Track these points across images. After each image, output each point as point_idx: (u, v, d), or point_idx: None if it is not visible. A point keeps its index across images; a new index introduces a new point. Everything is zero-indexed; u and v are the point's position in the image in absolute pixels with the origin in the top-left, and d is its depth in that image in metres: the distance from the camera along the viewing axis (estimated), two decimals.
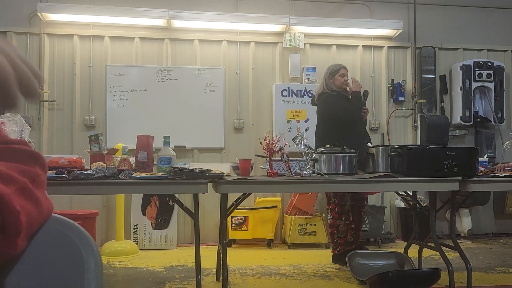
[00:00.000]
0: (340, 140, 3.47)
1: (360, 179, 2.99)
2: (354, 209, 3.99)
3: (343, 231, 3.87)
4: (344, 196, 3.85)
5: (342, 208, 3.86)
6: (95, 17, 4.97)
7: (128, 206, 4.85)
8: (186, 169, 2.89)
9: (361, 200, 4.03)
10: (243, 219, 4.84)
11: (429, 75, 5.61)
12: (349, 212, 3.90)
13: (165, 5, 5.12)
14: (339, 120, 3.86)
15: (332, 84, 3.97)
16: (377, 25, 5.40)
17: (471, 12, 5.81)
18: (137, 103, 5.07)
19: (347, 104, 3.93)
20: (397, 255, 3.58)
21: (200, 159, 5.11)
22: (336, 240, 3.92)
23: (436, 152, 3.07)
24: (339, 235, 3.88)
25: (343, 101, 3.94)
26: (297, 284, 3.41)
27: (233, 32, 5.31)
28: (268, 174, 3.18)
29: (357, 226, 4.01)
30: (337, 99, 3.93)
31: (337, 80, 3.97)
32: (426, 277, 3.07)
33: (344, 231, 3.87)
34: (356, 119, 3.93)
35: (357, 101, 3.95)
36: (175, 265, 4.01)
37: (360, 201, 4.02)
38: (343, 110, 3.87)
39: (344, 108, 3.89)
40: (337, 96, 3.95)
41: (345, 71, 4.01)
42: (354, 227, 4.00)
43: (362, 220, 4.12)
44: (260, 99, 5.35)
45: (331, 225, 3.93)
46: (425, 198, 4.82)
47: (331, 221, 3.92)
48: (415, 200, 3.77)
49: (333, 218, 3.90)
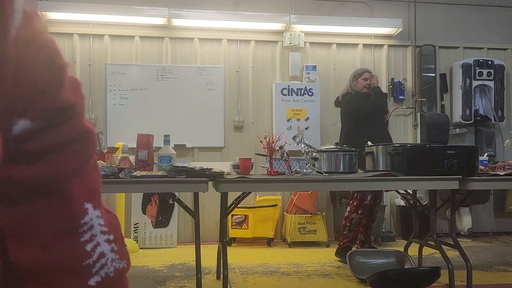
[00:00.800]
0: (360, 135, 3.70)
1: (360, 178, 3.00)
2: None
3: (355, 225, 3.99)
4: (366, 192, 3.96)
5: (362, 202, 3.97)
6: (95, 15, 4.96)
7: (129, 205, 4.86)
8: (186, 168, 2.89)
9: (374, 197, 4.06)
10: (243, 217, 4.84)
11: (429, 74, 5.60)
12: (367, 207, 4.00)
13: (165, 3, 5.11)
14: (360, 117, 4.12)
15: (355, 86, 4.25)
16: (377, 24, 5.40)
17: (471, 11, 5.81)
18: (137, 102, 5.07)
19: (368, 103, 4.19)
20: (397, 254, 3.58)
21: (200, 158, 5.11)
22: (345, 233, 4.02)
23: (436, 151, 3.08)
24: (351, 228, 3.99)
25: (363, 100, 4.20)
26: (297, 282, 3.41)
27: (233, 30, 5.31)
28: (268, 173, 3.18)
29: (367, 224, 4.07)
30: (358, 98, 4.20)
31: (359, 83, 4.25)
32: (426, 276, 3.07)
33: (356, 225, 3.99)
34: (375, 115, 4.19)
35: (379, 96, 4.26)
36: (175, 264, 4.01)
37: (374, 199, 4.08)
38: (364, 109, 4.15)
39: (365, 107, 4.16)
40: (358, 95, 4.21)
41: (368, 75, 4.28)
42: (365, 225, 4.08)
43: (374, 218, 4.15)
44: (260, 98, 5.35)
45: (346, 217, 4.07)
46: (425, 197, 4.82)
47: (347, 214, 4.06)
48: (415, 199, 3.77)
49: (350, 211, 4.03)
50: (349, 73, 5.41)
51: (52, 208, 0.51)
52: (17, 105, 0.49)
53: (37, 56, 0.51)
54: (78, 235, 0.52)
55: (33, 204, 0.50)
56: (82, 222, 0.53)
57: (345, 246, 3.99)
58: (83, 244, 0.53)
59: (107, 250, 0.55)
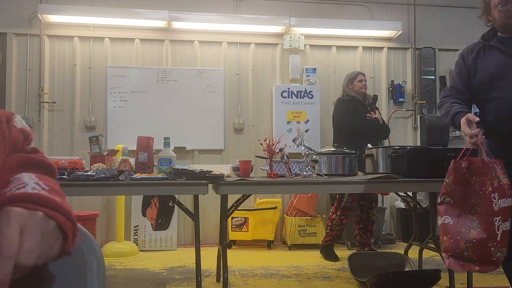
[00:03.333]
0: (341, 141, 3.76)
1: (360, 180, 2.99)
2: (362, 208, 4.24)
3: (336, 225, 4.18)
4: (343, 194, 4.12)
5: (340, 203, 4.18)
6: (96, 18, 4.97)
7: (128, 207, 4.85)
8: (186, 170, 2.89)
9: (369, 200, 4.17)
10: (243, 220, 4.84)
11: (429, 76, 5.61)
12: (346, 209, 4.17)
13: (165, 6, 5.12)
14: (345, 123, 4.19)
15: (351, 90, 4.29)
16: (377, 26, 5.41)
17: (470, 13, 5.81)
18: (137, 104, 5.08)
19: (358, 108, 4.23)
20: (398, 256, 3.58)
21: (200, 160, 5.11)
22: (328, 231, 4.26)
23: (436, 153, 3.07)
24: (332, 228, 4.20)
25: (354, 105, 4.24)
26: (297, 285, 3.41)
27: (233, 33, 5.32)
28: (268, 175, 3.18)
29: (364, 226, 4.18)
30: (350, 104, 4.24)
31: (356, 86, 4.28)
32: (427, 278, 3.07)
33: (337, 225, 4.18)
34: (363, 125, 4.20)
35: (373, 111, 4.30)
36: (175, 266, 4.01)
37: (369, 201, 4.20)
38: (350, 114, 4.19)
39: (351, 112, 4.19)
40: (350, 103, 4.25)
41: (363, 77, 4.31)
42: (362, 227, 4.23)
43: (371, 221, 4.22)
44: (260, 100, 5.35)
45: (329, 217, 4.28)
46: (425, 199, 4.82)
47: (330, 214, 4.29)
48: (416, 201, 3.77)
49: (331, 212, 4.26)
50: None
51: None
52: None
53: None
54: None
55: None
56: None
57: (327, 245, 4.23)
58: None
59: (28, 179, 0.68)
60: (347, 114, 4.18)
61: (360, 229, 4.23)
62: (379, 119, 4.24)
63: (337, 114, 4.30)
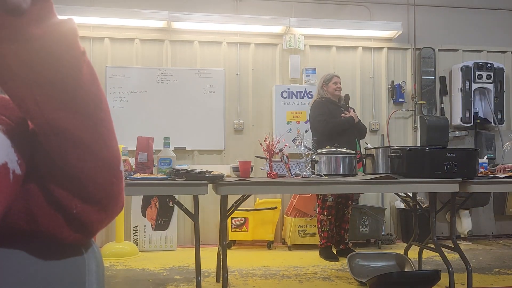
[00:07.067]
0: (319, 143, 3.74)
1: (360, 181, 2.99)
2: (338, 206, 4.31)
3: (325, 225, 4.22)
4: (326, 194, 4.18)
5: (324, 203, 4.21)
6: (95, 18, 4.97)
7: (128, 208, 4.85)
8: (186, 171, 2.89)
9: (346, 198, 4.25)
10: (243, 220, 4.84)
11: (429, 77, 5.61)
12: (331, 208, 4.22)
13: (165, 6, 5.12)
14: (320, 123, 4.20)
15: (326, 92, 4.33)
16: (377, 27, 5.41)
17: (470, 14, 5.82)
18: (137, 105, 5.07)
19: (333, 110, 4.25)
20: (397, 257, 3.58)
21: (200, 161, 5.11)
22: (320, 234, 4.29)
23: (436, 153, 3.07)
24: (323, 229, 4.25)
25: (328, 106, 4.27)
26: (297, 285, 3.41)
27: (233, 33, 5.32)
28: (268, 176, 3.18)
29: (339, 225, 4.31)
30: (324, 105, 4.27)
31: (330, 88, 4.32)
32: (426, 279, 3.07)
33: (326, 225, 4.22)
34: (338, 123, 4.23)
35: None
36: (175, 267, 4.01)
37: (345, 199, 4.30)
38: (325, 115, 4.21)
39: (325, 113, 4.22)
40: (325, 102, 4.28)
41: (338, 79, 4.37)
42: (338, 225, 4.33)
43: (346, 219, 4.35)
44: (260, 101, 5.35)
45: (318, 219, 4.30)
46: (425, 199, 4.82)
47: (317, 216, 4.31)
48: (415, 201, 3.77)
49: (318, 213, 4.29)
50: (349, 75, 5.46)
51: None
52: None
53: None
54: None
55: None
56: None
57: (324, 247, 4.26)
58: None
59: None
60: (322, 115, 4.20)
61: (336, 227, 4.33)
62: (354, 117, 4.25)
63: (312, 115, 4.33)
